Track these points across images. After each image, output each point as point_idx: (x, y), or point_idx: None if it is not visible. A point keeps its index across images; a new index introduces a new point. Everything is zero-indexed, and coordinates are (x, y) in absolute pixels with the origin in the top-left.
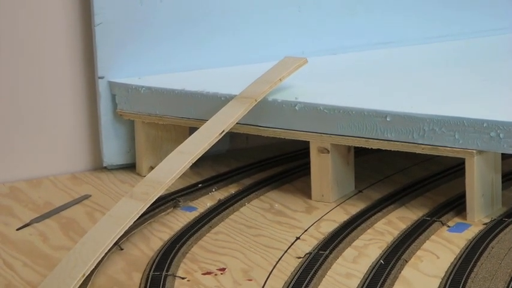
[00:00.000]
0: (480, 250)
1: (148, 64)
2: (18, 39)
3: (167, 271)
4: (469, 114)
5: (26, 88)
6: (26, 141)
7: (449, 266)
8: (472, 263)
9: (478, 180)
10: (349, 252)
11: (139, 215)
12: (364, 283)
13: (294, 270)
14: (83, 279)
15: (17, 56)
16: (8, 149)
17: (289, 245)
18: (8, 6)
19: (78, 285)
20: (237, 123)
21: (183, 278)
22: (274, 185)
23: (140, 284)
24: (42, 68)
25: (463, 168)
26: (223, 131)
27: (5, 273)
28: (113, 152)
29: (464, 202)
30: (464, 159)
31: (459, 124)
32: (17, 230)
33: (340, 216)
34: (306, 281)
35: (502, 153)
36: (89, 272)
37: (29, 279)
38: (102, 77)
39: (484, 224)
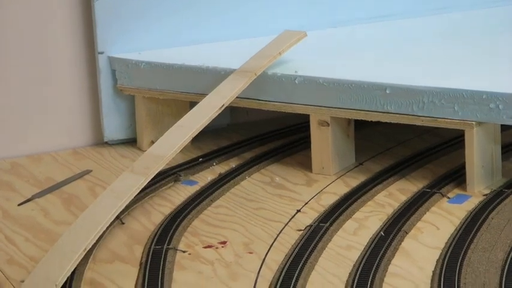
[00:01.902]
0: (480, 221)
1: (148, 39)
2: (18, 15)
3: (168, 244)
4: (468, 86)
5: (26, 64)
6: (26, 117)
7: (450, 237)
8: (472, 234)
9: (478, 152)
10: (349, 225)
11: (140, 189)
12: (365, 255)
13: (294, 243)
14: (85, 253)
15: (17, 32)
16: (8, 124)
17: (290, 217)
18: None
19: (79, 260)
20: (237, 97)
21: (184, 252)
22: (274, 159)
23: (142, 257)
24: (42, 44)
25: (463, 140)
26: (224, 105)
27: (6, 248)
28: (113, 127)
29: (464, 174)
30: (463, 130)
31: (458, 96)
32: (19, 205)
33: (341, 188)
34: (307, 254)
35: (502, 125)
36: (90, 246)
37: (30, 254)
38: (102, 53)
39: (484, 195)
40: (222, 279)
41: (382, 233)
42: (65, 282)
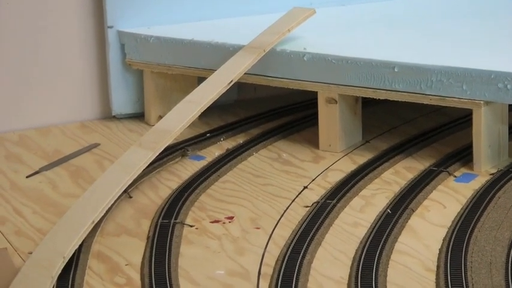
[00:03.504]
0: (487, 200)
1: (158, 14)
2: None
3: (176, 219)
4: (476, 65)
5: (35, 38)
6: (35, 90)
7: (456, 216)
8: (478, 212)
9: (485, 131)
10: (356, 202)
11: (148, 163)
12: (371, 232)
13: (301, 219)
14: (92, 226)
15: (27, 6)
16: (17, 97)
17: (297, 194)
18: None
19: (87, 232)
20: (245, 73)
21: (191, 226)
22: (282, 135)
23: (149, 231)
24: (52, 18)
25: (470, 120)
26: (232, 81)
27: (14, 220)
28: (121, 101)
29: (471, 153)
30: (471, 110)
31: (467, 75)
32: (27, 177)
33: (348, 166)
34: (314, 230)
35: (510, 105)
36: (98, 219)
37: (38, 226)
38: (111, 27)
39: (490, 175)
40: (229, 254)
41: (388, 210)
42: (73, 254)
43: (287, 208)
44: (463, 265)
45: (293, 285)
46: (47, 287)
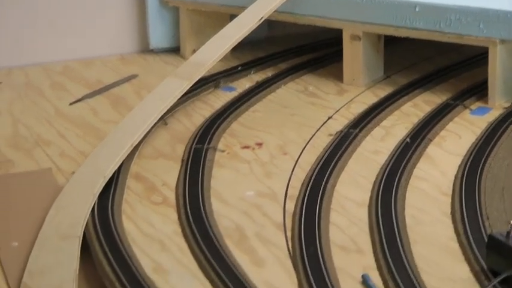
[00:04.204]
0: (500, 131)
1: None
2: None
3: (208, 144)
4: (494, 4)
5: None
6: (78, 25)
7: (471, 146)
8: (492, 142)
9: (500, 68)
10: (377, 131)
11: (183, 93)
12: (391, 159)
13: (326, 146)
14: (131, 148)
15: None
16: (61, 30)
17: (322, 123)
18: None
19: (126, 154)
20: (274, 11)
21: (223, 151)
22: (308, 70)
23: (183, 155)
24: None
25: (485, 58)
26: (262, 18)
27: (59, 142)
28: (158, 35)
29: (486, 88)
30: (487, 48)
31: (484, 14)
32: (70, 104)
33: (370, 98)
34: (337, 156)
35: None
36: (136, 143)
37: (81, 149)
38: None
39: (504, 108)
40: (257, 177)
41: (407, 139)
42: (113, 174)
43: (312, 136)
44: (477, 190)
45: (317, 206)
46: (89, 203)
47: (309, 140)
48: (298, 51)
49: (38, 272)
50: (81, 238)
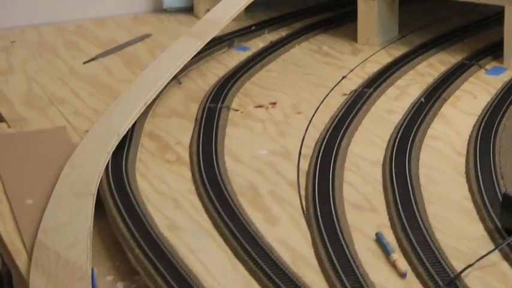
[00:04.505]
0: None
1: None
2: None
3: (222, 103)
4: None
5: None
6: None
7: (486, 105)
8: (507, 102)
9: None
10: (391, 91)
11: (197, 51)
12: (406, 118)
13: (340, 106)
14: (145, 107)
15: None
16: None
17: (336, 83)
18: None
19: (140, 113)
20: None
21: (236, 110)
22: (322, 29)
23: (197, 114)
24: None
25: (501, 18)
26: None
27: (73, 101)
28: None
29: (502, 48)
30: (503, 7)
31: None
32: (84, 63)
33: (384, 58)
34: (351, 115)
35: None
36: (150, 101)
37: (94, 107)
38: None
39: None
40: (271, 136)
41: (422, 99)
42: (126, 132)
43: (326, 96)
44: (491, 149)
45: (331, 165)
46: (103, 161)
47: (323, 100)
48: (312, 11)
49: (53, 230)
50: (95, 196)
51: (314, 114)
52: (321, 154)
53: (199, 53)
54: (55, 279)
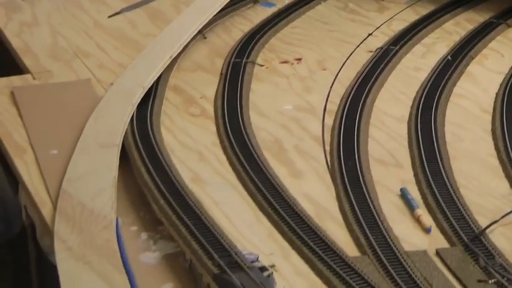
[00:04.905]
0: None
1: None
2: None
3: (247, 58)
4: None
5: None
6: None
7: None
8: None
9: None
10: (418, 49)
11: (222, 6)
12: (432, 76)
13: (365, 63)
14: (170, 60)
15: None
16: None
17: (362, 40)
18: None
19: (165, 66)
20: None
21: (261, 66)
22: None
23: (222, 68)
24: None
25: None
26: None
27: (97, 54)
28: None
29: None
30: None
31: None
32: (109, 17)
33: (411, 16)
34: (377, 72)
35: None
36: (175, 55)
37: (119, 61)
38: None
39: None
40: (296, 91)
41: (449, 57)
42: (151, 86)
43: (352, 52)
44: None
45: (356, 121)
46: (128, 113)
47: (349, 56)
48: None
49: (77, 179)
50: (120, 147)
51: (339, 70)
52: (346, 110)
53: (224, 8)
54: (80, 228)
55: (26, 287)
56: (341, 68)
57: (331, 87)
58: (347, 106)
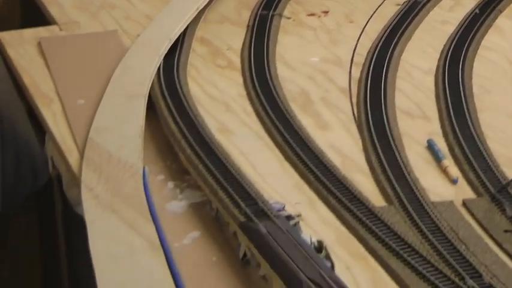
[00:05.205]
0: None
1: None
2: None
3: (274, 11)
4: None
5: None
6: None
7: None
8: None
9: None
10: (445, 2)
11: None
12: (459, 29)
13: (393, 16)
14: (197, 12)
15: None
16: None
17: None
18: None
19: (191, 18)
20: None
21: (288, 18)
22: None
23: (249, 20)
24: None
25: None
26: None
27: (124, 6)
28: None
29: None
30: None
31: None
32: None
33: None
34: (404, 25)
35: None
36: (202, 7)
37: (146, 12)
38: None
39: None
40: (323, 43)
41: (477, 10)
42: (178, 37)
43: (380, 5)
44: None
45: (383, 73)
46: (154, 63)
47: (376, 9)
48: None
49: (104, 128)
50: (146, 97)
51: (367, 23)
52: (373, 62)
53: None
54: (106, 176)
55: (52, 238)
56: (368, 20)
57: (358, 39)
58: (374, 58)
